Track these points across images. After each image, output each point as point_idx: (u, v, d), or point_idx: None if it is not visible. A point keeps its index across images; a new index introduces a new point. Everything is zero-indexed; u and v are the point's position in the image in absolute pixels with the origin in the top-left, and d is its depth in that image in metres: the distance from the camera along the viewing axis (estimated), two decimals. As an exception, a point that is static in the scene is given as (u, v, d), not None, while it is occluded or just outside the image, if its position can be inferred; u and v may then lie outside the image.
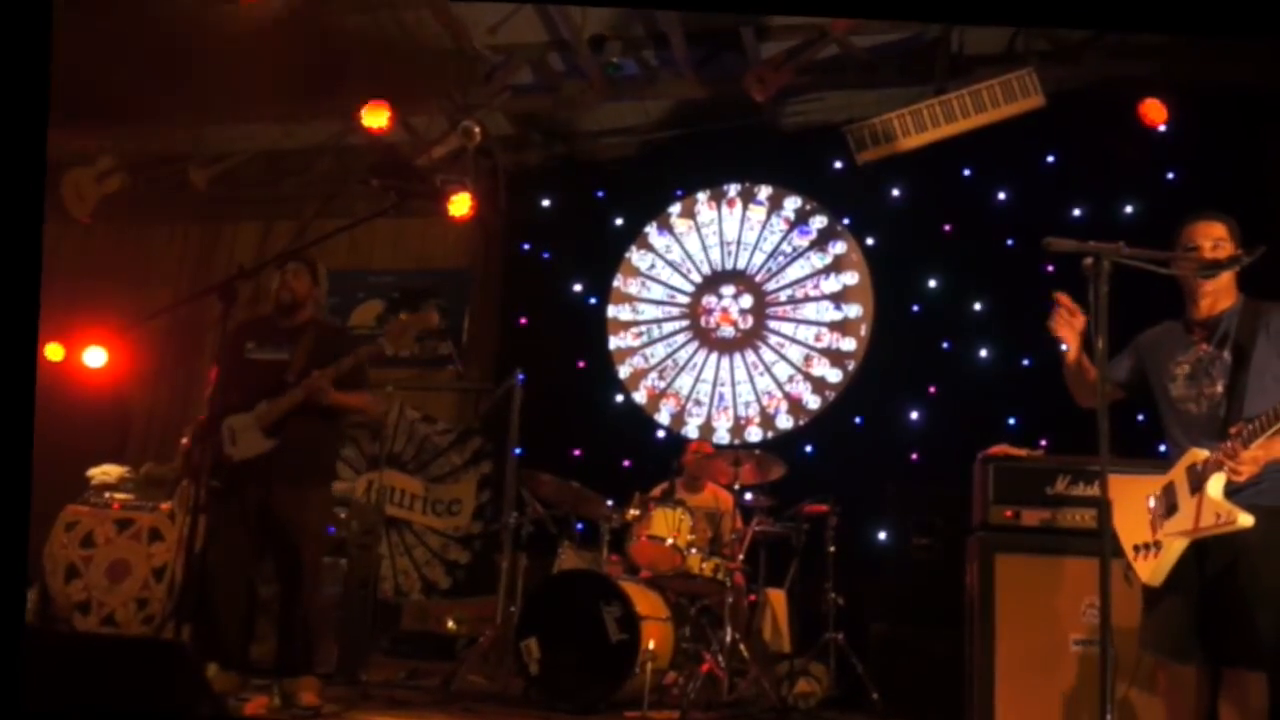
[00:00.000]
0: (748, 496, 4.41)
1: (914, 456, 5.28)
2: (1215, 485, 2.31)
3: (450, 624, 5.70)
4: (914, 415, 5.37)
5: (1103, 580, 2.22)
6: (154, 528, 4.52)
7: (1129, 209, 5.14)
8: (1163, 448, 2.69)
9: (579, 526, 4.62)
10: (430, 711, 3.58)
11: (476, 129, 5.18)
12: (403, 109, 5.41)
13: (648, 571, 4.15)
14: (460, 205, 5.71)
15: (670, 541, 4.05)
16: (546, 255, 6.32)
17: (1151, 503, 2.49)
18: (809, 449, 5.51)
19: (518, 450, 5.02)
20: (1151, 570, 2.44)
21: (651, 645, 3.72)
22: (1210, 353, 2.47)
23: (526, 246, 6.37)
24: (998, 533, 3.38)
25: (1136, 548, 2.52)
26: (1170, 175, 5.16)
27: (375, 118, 5.08)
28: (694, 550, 4.05)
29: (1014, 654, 3.25)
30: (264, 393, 3.29)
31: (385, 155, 5.53)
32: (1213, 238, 2.47)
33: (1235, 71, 4.88)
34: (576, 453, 5.79)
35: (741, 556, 4.25)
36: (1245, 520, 2.26)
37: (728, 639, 3.91)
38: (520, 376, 4.85)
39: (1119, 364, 2.65)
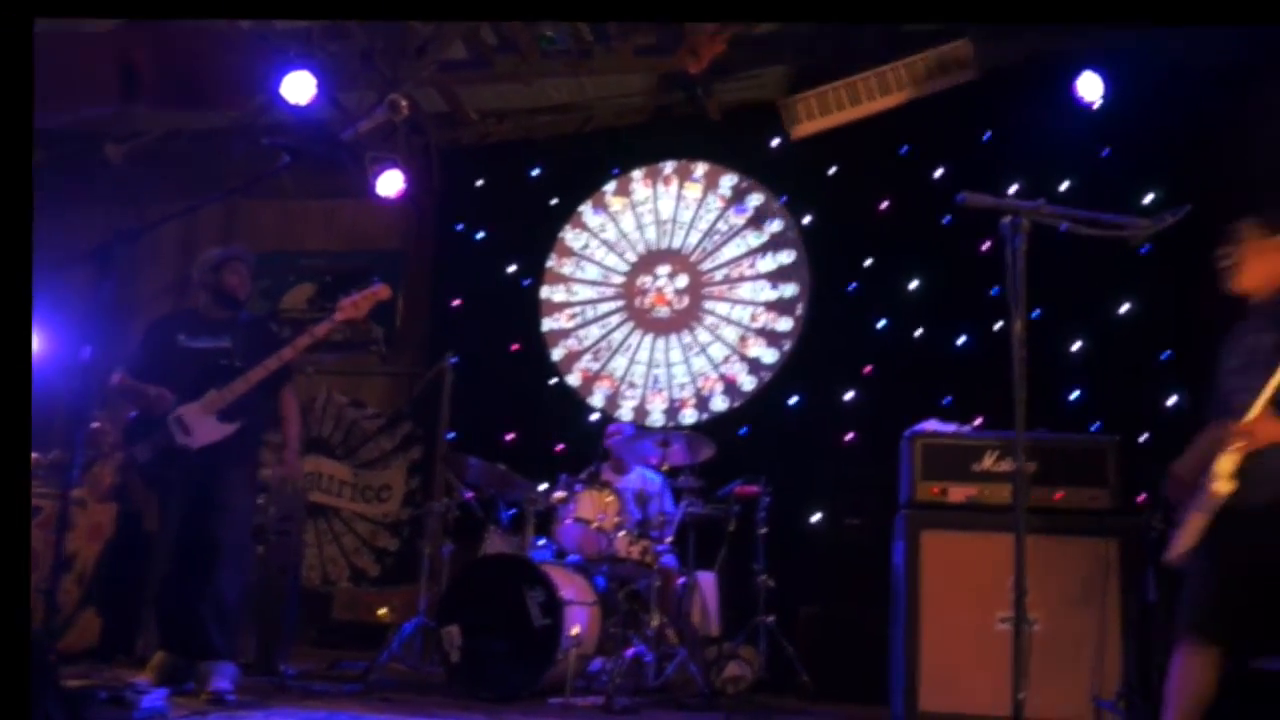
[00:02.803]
0: (681, 479, 4.35)
1: (849, 436, 5.25)
2: (1225, 462, 2.31)
3: (381, 612, 5.59)
4: (849, 395, 5.33)
5: (1018, 555, 2.20)
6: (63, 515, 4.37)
7: (1064, 185, 5.13)
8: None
9: (510, 511, 4.52)
10: (346, 701, 3.47)
11: (404, 102, 5.02)
12: (330, 85, 5.20)
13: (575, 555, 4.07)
14: (390, 183, 5.55)
15: (596, 524, 3.97)
16: (480, 235, 6.17)
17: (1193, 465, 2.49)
18: (744, 430, 5.45)
19: (450, 434, 4.90)
20: (1176, 547, 2.44)
21: (576, 631, 3.65)
22: (1257, 344, 2.41)
23: (460, 226, 6.21)
24: (924, 510, 3.38)
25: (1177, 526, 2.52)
26: (1105, 152, 5.16)
27: (298, 91, 4.84)
28: (621, 533, 3.97)
29: (939, 631, 3.25)
30: (208, 380, 3.35)
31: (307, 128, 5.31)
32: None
33: (1169, 48, 4.89)
34: (509, 437, 5.68)
35: (671, 539, 4.19)
36: (1223, 487, 2.27)
37: (655, 623, 3.84)
38: (453, 359, 4.73)
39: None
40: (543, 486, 4.35)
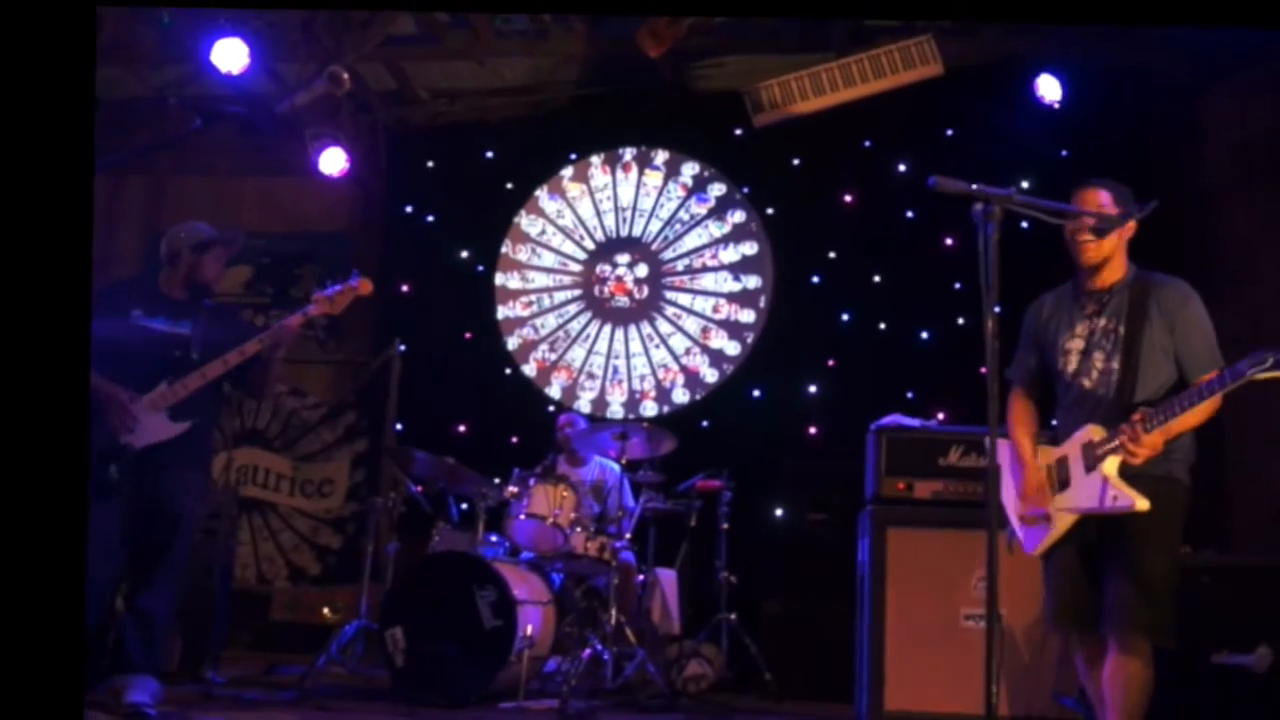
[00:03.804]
0: (641, 473, 4.20)
1: (812, 430, 5.18)
2: (1112, 466, 2.27)
3: (326, 612, 5.32)
4: (812, 388, 5.27)
5: (990, 551, 2.11)
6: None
7: (1024, 184, 5.14)
8: (1055, 421, 2.63)
9: (460, 506, 4.31)
10: (279, 710, 3.23)
11: (345, 75, 4.75)
12: (266, 55, 4.88)
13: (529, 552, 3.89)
14: (332, 162, 5.26)
15: (552, 520, 3.79)
16: (430, 219, 5.92)
17: (1042, 474, 2.44)
18: (705, 424, 5.34)
19: (397, 426, 4.66)
20: (1039, 542, 2.42)
21: (529, 631, 3.48)
22: (1103, 327, 2.39)
23: (409, 209, 5.95)
24: (890, 505, 3.32)
25: (1022, 518, 2.47)
26: (1064, 152, 5.19)
27: (228, 59, 4.52)
28: (578, 529, 3.80)
29: (904, 629, 3.20)
30: (159, 370, 3.01)
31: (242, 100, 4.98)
32: (1096, 204, 2.42)
33: (1125, 56, 4.94)
34: (461, 428, 5.45)
35: (630, 534, 4.04)
36: (1143, 504, 2.23)
37: (614, 622, 3.69)
38: (401, 347, 4.49)
39: (1024, 364, 2.58)
40: (496, 480, 4.15)
